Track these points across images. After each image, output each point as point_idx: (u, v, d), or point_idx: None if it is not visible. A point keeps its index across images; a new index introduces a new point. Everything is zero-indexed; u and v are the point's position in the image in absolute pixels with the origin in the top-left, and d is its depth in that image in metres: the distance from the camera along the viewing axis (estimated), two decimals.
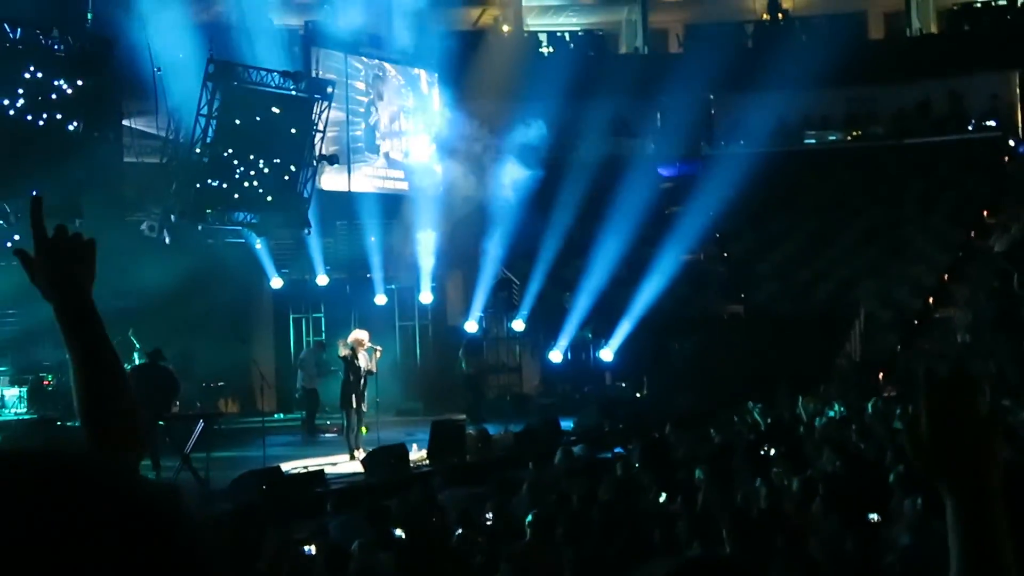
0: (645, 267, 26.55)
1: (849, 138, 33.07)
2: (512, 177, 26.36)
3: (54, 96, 21.10)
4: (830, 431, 16.40)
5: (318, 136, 24.72)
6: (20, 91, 20.64)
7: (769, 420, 19.17)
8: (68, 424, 20.14)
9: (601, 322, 26.77)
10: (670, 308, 26.40)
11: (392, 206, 26.49)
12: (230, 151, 23.60)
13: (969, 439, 1.96)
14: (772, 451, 14.41)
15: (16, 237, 19.99)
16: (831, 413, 19.16)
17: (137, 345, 20.44)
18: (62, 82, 21.17)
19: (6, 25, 20.14)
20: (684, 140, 30.64)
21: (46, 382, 21.94)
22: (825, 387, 22.37)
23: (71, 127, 21.40)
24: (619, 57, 35.17)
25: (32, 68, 20.68)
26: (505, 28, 33.23)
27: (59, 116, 21.24)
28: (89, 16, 21.97)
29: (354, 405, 19.33)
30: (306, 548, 10.29)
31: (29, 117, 20.81)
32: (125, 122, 23.22)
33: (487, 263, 26.77)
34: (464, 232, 26.36)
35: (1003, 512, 1.91)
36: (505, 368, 27.89)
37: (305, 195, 24.88)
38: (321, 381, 24.25)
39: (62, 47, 21.06)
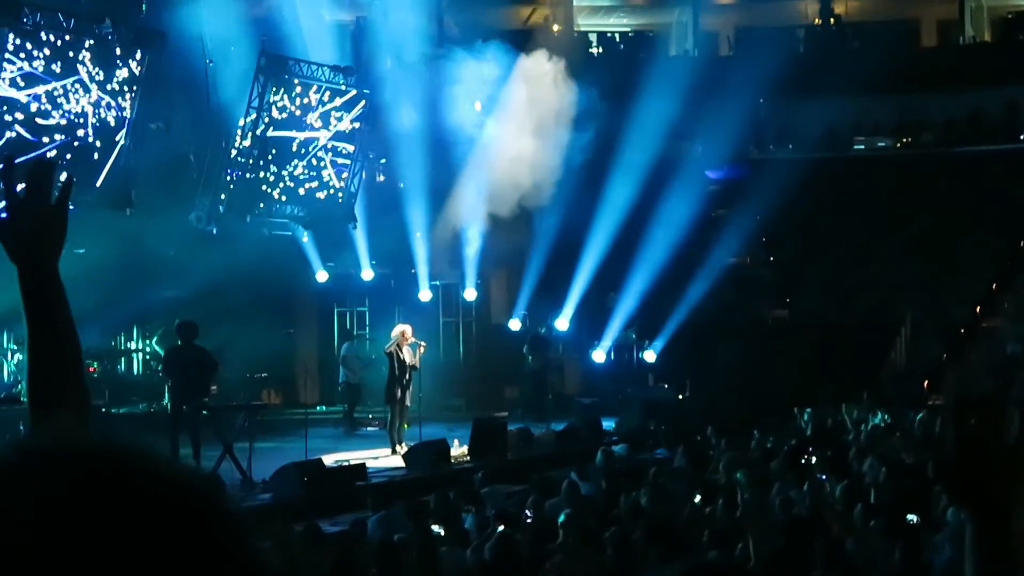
0: (691, 270, 26.47)
1: (899, 145, 32.84)
2: (558, 175, 26.33)
3: (107, 86, 21.26)
4: (874, 439, 16.32)
5: None
6: (73, 80, 20.80)
7: (812, 426, 19.07)
8: (112, 411, 20.32)
9: (645, 323, 26.72)
10: (715, 311, 26.32)
11: (438, 202, 26.51)
12: (279, 144, 23.73)
13: (995, 467, 1.95)
14: (815, 457, 14.34)
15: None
16: (875, 421, 19.06)
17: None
18: (115, 72, 21.32)
19: (60, 15, 20.29)
20: (733, 144, 30.52)
21: (91, 369, 22.11)
22: (869, 395, 22.22)
23: (122, 117, 21.56)
24: (669, 59, 35.07)
25: (85, 58, 20.84)
26: (555, 28, 33.20)
27: (111, 106, 21.41)
28: (144, 7, 22.10)
29: (397, 400, 19.40)
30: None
31: (80, 106, 20.98)
32: (176, 113, 23.36)
33: (532, 261, 26.74)
34: (509, 230, 26.33)
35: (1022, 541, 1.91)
36: (549, 367, 27.87)
37: (352, 189, 24.97)
38: (363, 375, 24.36)
39: (115, 37, 21.20)
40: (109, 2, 21.34)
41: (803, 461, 14.26)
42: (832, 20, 35.00)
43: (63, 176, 2.62)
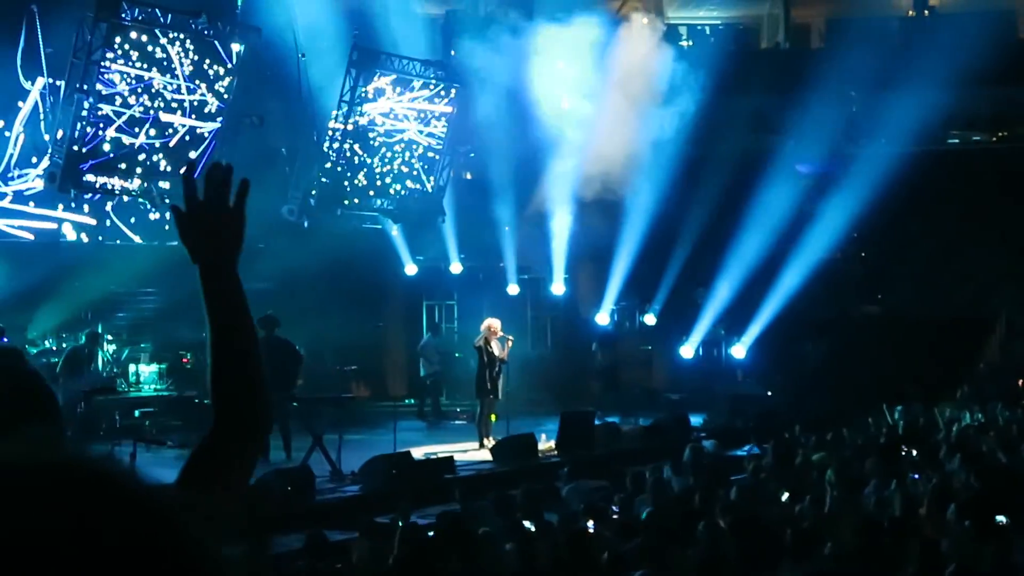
0: (781, 265, 26.25)
1: (994, 139, 32.28)
2: (648, 165, 26.26)
3: (201, 81, 21.55)
4: (967, 437, 16.09)
5: None
6: (169, 74, 21.11)
7: (903, 424, 18.85)
8: (206, 402, 20.54)
9: (734, 319, 26.56)
10: (805, 307, 26.08)
11: (526, 194, 26.51)
12: (370, 137, 23.92)
13: None
14: (906, 456, 14.18)
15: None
16: (968, 419, 18.80)
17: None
18: (210, 67, 21.61)
19: (157, 10, 20.59)
20: (824, 137, 30.19)
21: (185, 360, 22.43)
22: (962, 392, 21.91)
23: (216, 111, 21.85)
24: (760, 52, 34.78)
25: (180, 53, 21.14)
26: (644, 20, 33.07)
27: (205, 100, 21.70)
28: (239, 2, 22.35)
29: (487, 393, 19.47)
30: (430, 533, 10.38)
31: (176, 101, 21.30)
32: (269, 107, 23.61)
33: (620, 255, 26.67)
34: (598, 222, 26.28)
35: None
36: (635, 362, 27.80)
37: (441, 183, 25.09)
38: (443, 368, 24.47)
39: (211, 32, 21.47)
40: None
41: (894, 459, 14.11)
42: (926, 11, 34.50)
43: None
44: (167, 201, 21.59)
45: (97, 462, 1.31)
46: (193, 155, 21.11)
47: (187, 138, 21.58)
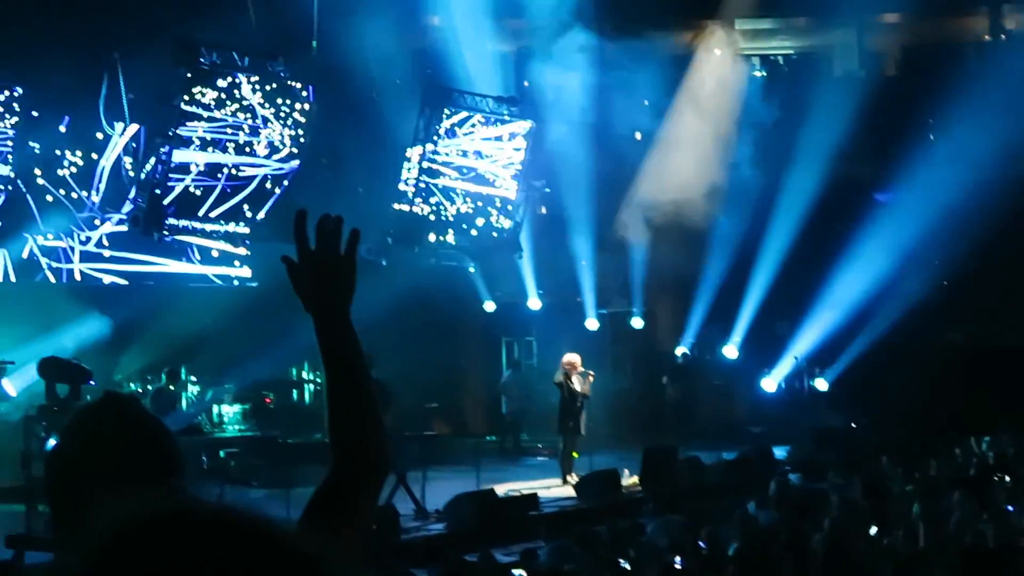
0: (863, 295, 25.96)
1: None
2: (727, 195, 26.18)
3: (277, 122, 21.79)
4: None
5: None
6: (246, 116, 21.37)
7: (993, 455, 18.53)
8: (289, 441, 20.70)
9: (816, 351, 26.29)
10: (889, 337, 25.75)
11: (604, 229, 26.46)
12: (445, 174, 24.03)
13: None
14: (998, 486, 13.94)
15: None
16: None
17: None
18: (286, 108, 21.84)
19: (234, 53, 20.87)
20: (902, 165, 29.90)
21: (267, 400, 22.59)
22: None
23: (292, 152, 22.08)
24: (834, 80, 34.56)
25: (257, 95, 21.40)
26: (717, 51, 33.00)
27: (282, 141, 21.93)
28: (314, 44, 22.60)
29: (569, 429, 19.41)
30: (515, 572, 10.34)
31: (252, 142, 21.56)
32: (344, 146, 23.79)
33: (700, 288, 26.54)
34: (677, 256, 26.18)
35: None
36: (716, 395, 27.60)
37: (517, 219, 25.13)
38: (523, 404, 24.44)
39: (287, 74, 21.71)
40: (280, 38, 21.88)
41: (985, 491, 13.87)
42: (1003, 35, 34.11)
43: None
44: (247, 243, 21.85)
45: (241, 511, 1.32)
46: (271, 198, 21.32)
47: (266, 180, 21.81)
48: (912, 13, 29.82)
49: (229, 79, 21.02)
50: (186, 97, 20.42)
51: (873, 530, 11.68)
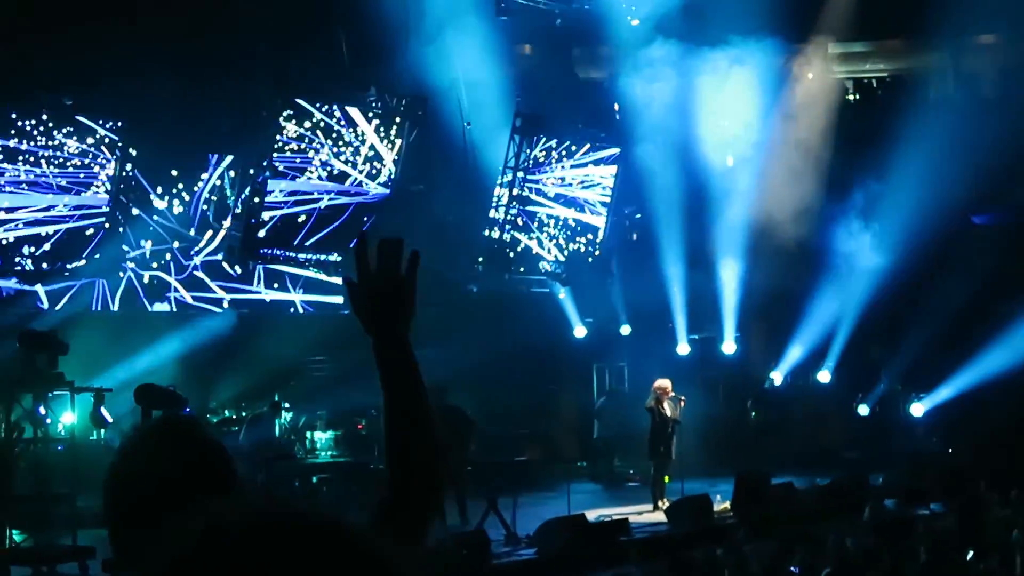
0: (960, 319, 25.56)
1: None
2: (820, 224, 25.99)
3: (371, 152, 22.03)
4: None
5: None
6: (339, 148, 21.63)
7: None
8: (381, 467, 20.78)
9: (912, 375, 25.93)
10: (990, 368, 25.28)
11: (694, 254, 26.36)
12: (536, 202, 24.13)
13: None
14: None
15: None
16: None
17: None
18: (379, 138, 22.07)
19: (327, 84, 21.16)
20: (1000, 187, 29.43)
21: (359, 426, 22.74)
22: None
23: (386, 181, 22.30)
24: (929, 103, 34.17)
25: (351, 124, 21.66)
26: (810, 75, 32.80)
27: (377, 170, 22.17)
28: (401, 75, 22.83)
29: (660, 454, 19.33)
30: None
31: (345, 174, 21.81)
32: (436, 174, 23.99)
33: (795, 313, 26.29)
34: (771, 280, 25.99)
35: None
36: (811, 420, 27.31)
37: (607, 245, 25.15)
38: (617, 430, 24.35)
39: (380, 104, 21.94)
40: (371, 68, 22.11)
41: None
42: None
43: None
44: (340, 271, 22.07)
45: (316, 511, 1.36)
46: (364, 227, 21.54)
47: (358, 209, 22.04)
48: (1008, 34, 29.36)
49: (323, 110, 21.30)
50: (281, 127, 20.73)
51: (970, 555, 11.50)
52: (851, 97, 34.51)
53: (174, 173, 21.52)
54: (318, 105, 21.27)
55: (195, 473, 2.48)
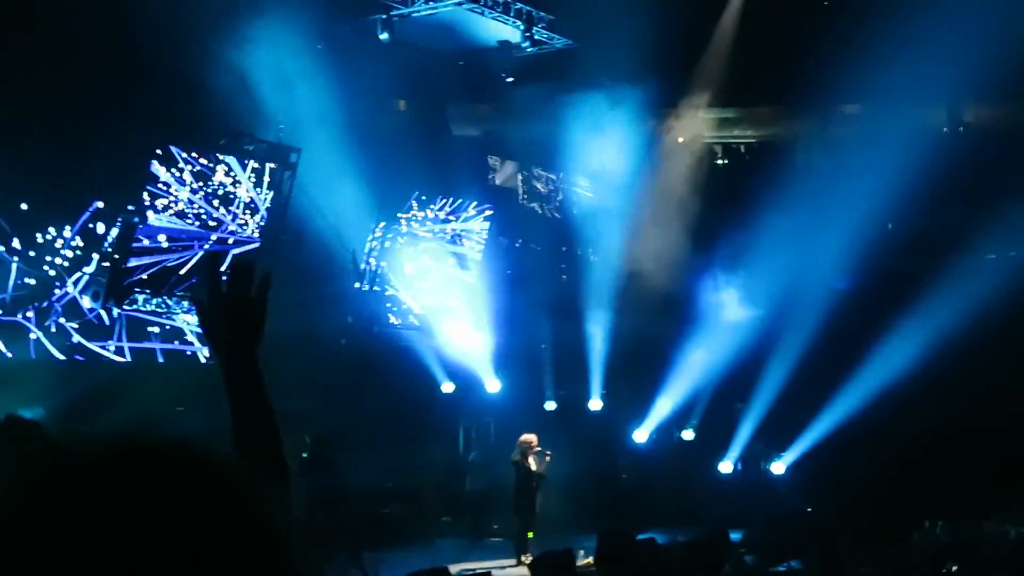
0: (821, 382, 26.09)
1: None
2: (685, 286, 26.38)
3: (242, 201, 21.88)
4: (1014, 553, 15.82)
5: None
6: (212, 197, 21.43)
7: (949, 538, 18.56)
8: None
9: (774, 434, 26.36)
10: (846, 422, 25.85)
11: (563, 311, 26.56)
12: (403, 257, 24.15)
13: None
14: (955, 569, 13.97)
15: None
16: (1015, 534, 18.49)
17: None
18: (250, 187, 21.94)
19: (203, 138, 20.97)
20: (861, 254, 30.15)
21: None
22: (1013, 505, 21.57)
23: (257, 229, 22.15)
24: (795, 169, 34.91)
25: (225, 173, 21.50)
26: (680, 139, 33.34)
27: (246, 220, 22.01)
28: (281, 127, 22.73)
29: (524, 509, 19.35)
30: None
31: (218, 220, 21.61)
32: (310, 225, 23.86)
33: (658, 371, 26.62)
34: (636, 341, 26.28)
35: None
36: (675, 478, 27.59)
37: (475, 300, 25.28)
38: (486, 486, 24.35)
39: (254, 152, 21.85)
40: (247, 116, 21.98)
41: (943, 573, 13.91)
42: (960, 127, 34.59)
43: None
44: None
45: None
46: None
47: (229, 257, 21.81)
48: (871, 104, 30.22)
49: (198, 156, 21.16)
50: (154, 174, 20.54)
51: None
52: (720, 161, 35.18)
53: (39, 217, 21.05)
54: (193, 153, 21.08)
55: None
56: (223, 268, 2.70)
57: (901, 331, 27.75)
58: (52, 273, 20.96)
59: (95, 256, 20.79)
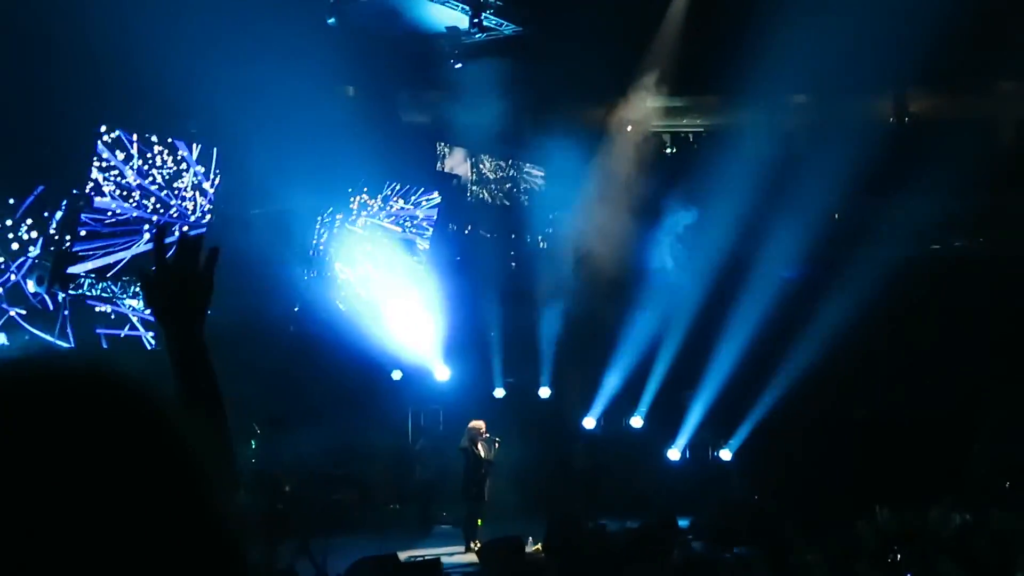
0: (766, 369, 26.25)
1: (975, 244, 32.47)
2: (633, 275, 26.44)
3: (189, 186, 21.69)
4: (959, 539, 15.98)
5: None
6: (157, 180, 21.23)
7: (893, 526, 18.69)
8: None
9: (722, 421, 26.50)
10: (792, 409, 26.04)
11: (513, 297, 26.56)
12: (351, 244, 24.04)
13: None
14: (899, 558, 14.08)
15: None
16: (957, 521, 18.66)
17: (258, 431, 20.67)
18: (195, 173, 21.76)
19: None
20: (807, 242, 30.34)
21: None
22: (954, 495, 21.79)
23: (204, 215, 21.94)
24: (743, 159, 35.04)
25: (167, 157, 21.29)
26: (628, 128, 33.40)
27: (193, 205, 21.81)
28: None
29: (473, 496, 19.34)
30: None
31: (164, 205, 21.41)
32: (260, 213, 23.70)
33: (607, 360, 26.68)
34: (587, 327, 26.33)
35: None
36: (624, 465, 27.66)
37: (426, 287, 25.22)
38: (435, 474, 24.31)
39: (195, 136, 21.65)
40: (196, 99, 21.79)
41: (884, 562, 14.01)
42: (906, 119, 34.87)
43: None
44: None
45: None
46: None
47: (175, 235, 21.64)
48: (818, 94, 30.40)
49: (146, 138, 20.96)
50: (100, 155, 20.31)
51: None
52: (669, 150, 35.29)
53: None
54: (139, 135, 20.87)
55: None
56: (170, 242, 2.68)
57: (847, 319, 27.94)
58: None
59: (39, 239, 20.53)
